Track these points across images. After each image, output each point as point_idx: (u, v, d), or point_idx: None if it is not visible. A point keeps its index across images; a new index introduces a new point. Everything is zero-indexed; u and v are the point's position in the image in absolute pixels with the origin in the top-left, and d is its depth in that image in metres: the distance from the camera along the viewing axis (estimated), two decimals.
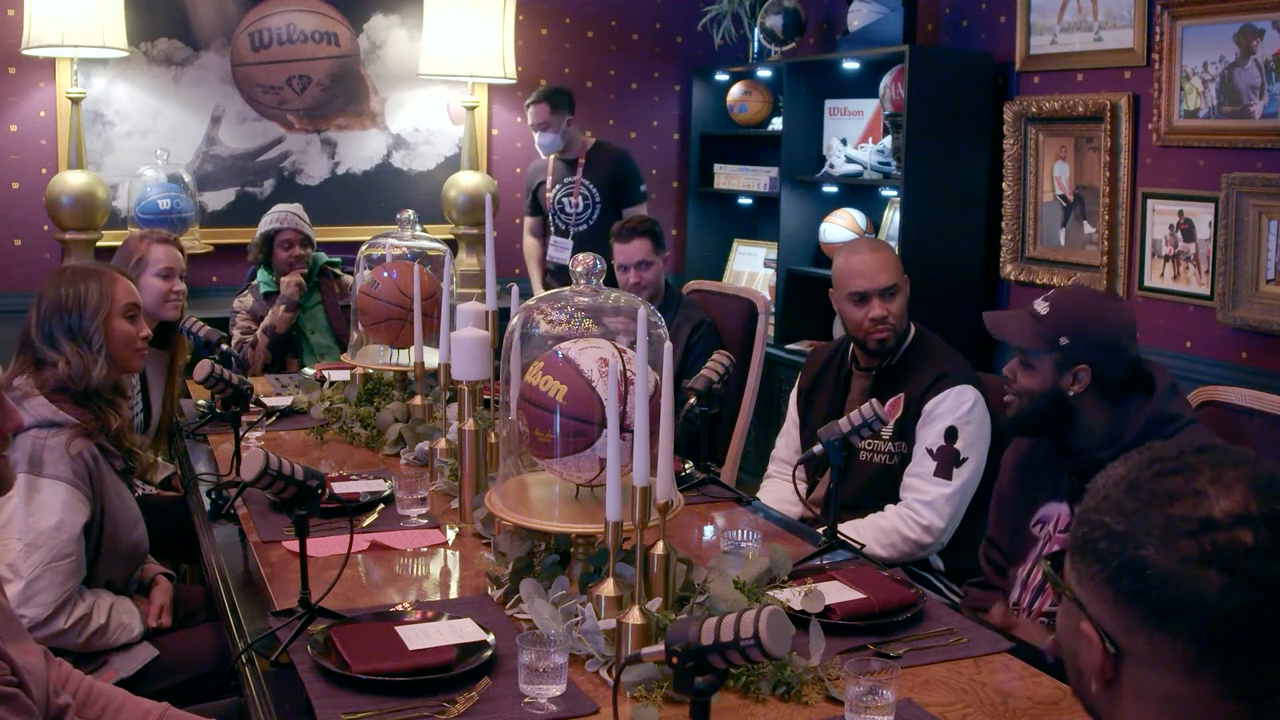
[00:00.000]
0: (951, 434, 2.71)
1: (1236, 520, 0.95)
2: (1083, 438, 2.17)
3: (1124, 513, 0.99)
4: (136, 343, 2.53)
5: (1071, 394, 2.14)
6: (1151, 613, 0.96)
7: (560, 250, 4.97)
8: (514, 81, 5.34)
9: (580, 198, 4.93)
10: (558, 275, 4.94)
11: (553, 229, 5.04)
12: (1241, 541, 0.94)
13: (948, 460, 2.70)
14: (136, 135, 5.09)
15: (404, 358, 3.34)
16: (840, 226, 4.96)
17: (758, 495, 2.91)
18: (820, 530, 2.46)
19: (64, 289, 2.41)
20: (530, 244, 5.22)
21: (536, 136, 4.93)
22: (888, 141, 4.79)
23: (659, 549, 1.87)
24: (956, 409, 2.73)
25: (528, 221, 5.22)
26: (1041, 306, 2.20)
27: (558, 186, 4.99)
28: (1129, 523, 0.98)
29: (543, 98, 4.88)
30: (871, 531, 2.67)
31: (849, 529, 2.54)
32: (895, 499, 2.76)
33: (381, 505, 2.56)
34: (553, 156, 5.03)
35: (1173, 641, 0.96)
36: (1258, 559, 0.94)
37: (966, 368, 2.84)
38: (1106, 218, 4.06)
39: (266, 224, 4.15)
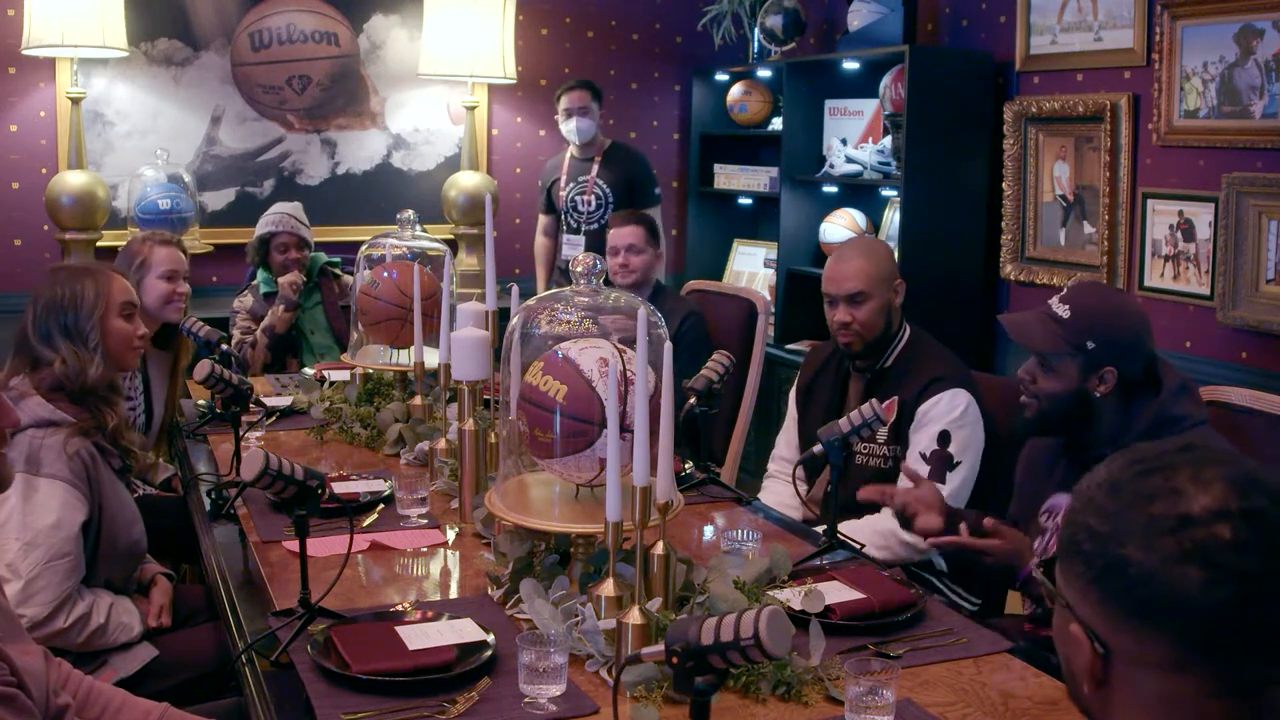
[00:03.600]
0: (944, 438, 2.71)
1: (1214, 516, 0.95)
2: (1094, 434, 2.16)
3: (1105, 514, 1.00)
4: (133, 341, 2.52)
5: (1098, 395, 2.13)
6: (1136, 611, 0.97)
7: (573, 248, 4.99)
8: (514, 81, 5.34)
9: (593, 196, 4.94)
10: (568, 273, 4.94)
11: (565, 227, 5.05)
12: (1220, 536, 0.94)
13: (941, 464, 2.70)
14: (136, 135, 5.09)
15: (404, 358, 3.34)
16: (840, 226, 4.95)
17: (758, 496, 2.91)
18: (820, 530, 2.46)
19: (59, 288, 2.41)
20: (541, 243, 5.22)
21: (573, 123, 4.90)
22: (888, 141, 4.79)
23: (659, 549, 1.86)
24: (949, 413, 2.73)
25: (541, 220, 5.21)
26: (1061, 309, 2.16)
27: (571, 184, 4.99)
28: (1110, 523, 0.99)
29: (584, 84, 4.93)
30: (868, 534, 2.66)
31: (846, 531, 2.54)
32: None
33: (381, 505, 2.56)
34: (569, 154, 5.03)
35: (1158, 639, 0.96)
36: (1236, 553, 0.93)
37: (960, 370, 2.84)
38: (1106, 218, 4.06)
39: (262, 227, 4.14)
